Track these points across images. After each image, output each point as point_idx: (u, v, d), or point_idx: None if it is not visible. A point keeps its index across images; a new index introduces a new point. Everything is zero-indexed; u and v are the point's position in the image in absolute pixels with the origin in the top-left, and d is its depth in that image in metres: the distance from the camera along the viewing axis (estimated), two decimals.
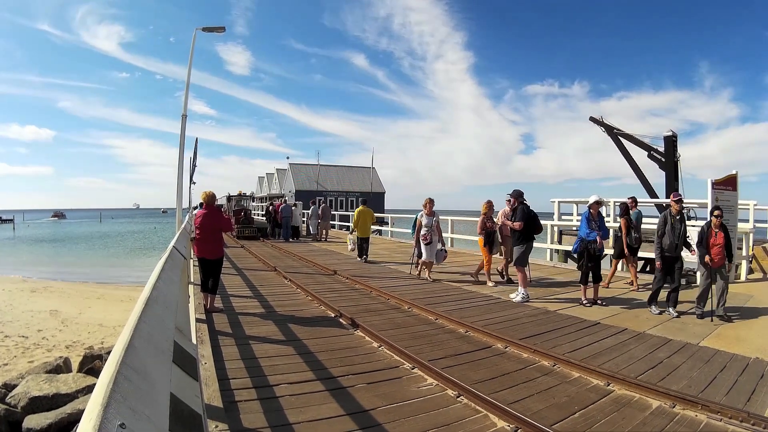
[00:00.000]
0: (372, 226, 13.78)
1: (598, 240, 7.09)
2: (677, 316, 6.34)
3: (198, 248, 6.53)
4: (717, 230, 6.37)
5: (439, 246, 9.47)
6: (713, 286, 6.30)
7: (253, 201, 35.18)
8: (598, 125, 18.40)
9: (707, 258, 6.31)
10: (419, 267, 9.69)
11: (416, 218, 9.79)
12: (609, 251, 8.95)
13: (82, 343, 10.32)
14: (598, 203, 7.33)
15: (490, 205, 9.16)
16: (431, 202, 9.46)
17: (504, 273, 9.43)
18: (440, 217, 10.64)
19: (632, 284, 8.60)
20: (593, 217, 7.22)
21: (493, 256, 9.23)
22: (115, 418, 1.05)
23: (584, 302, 7.07)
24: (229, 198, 23.68)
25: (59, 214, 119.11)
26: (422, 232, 9.30)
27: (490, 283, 8.80)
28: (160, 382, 1.65)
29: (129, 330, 1.67)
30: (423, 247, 9.31)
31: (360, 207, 12.97)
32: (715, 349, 4.95)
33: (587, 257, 7.13)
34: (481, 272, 9.20)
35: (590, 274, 7.13)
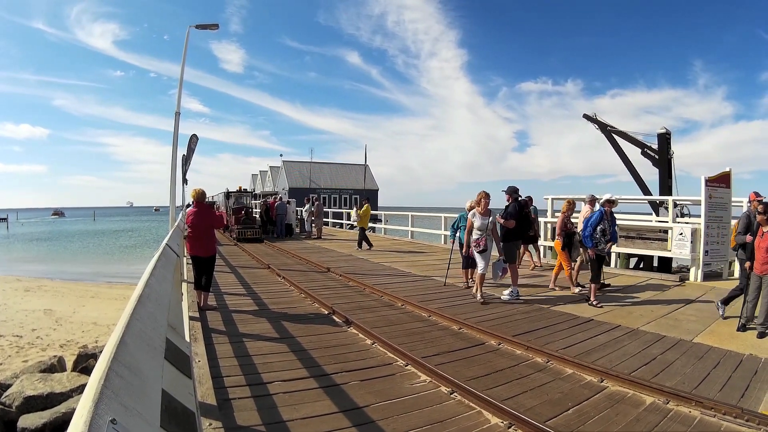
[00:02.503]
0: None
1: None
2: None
3: (191, 246, 6.51)
4: (765, 230, 5.32)
5: (496, 256, 7.49)
6: (761, 297, 5.37)
7: (256, 198, 29.91)
8: (591, 122, 18.49)
9: (747, 264, 5.63)
10: (476, 283, 7.37)
11: (457, 219, 8.37)
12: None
13: (76, 342, 10.26)
14: (610, 202, 7.11)
15: (570, 204, 8.17)
16: (487, 196, 7.14)
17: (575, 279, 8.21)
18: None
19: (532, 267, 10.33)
20: (606, 216, 7.01)
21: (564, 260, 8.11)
22: (106, 413, 1.04)
23: (592, 301, 6.94)
24: (228, 195, 20.48)
25: (59, 213, 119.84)
26: (474, 236, 7.09)
27: (575, 289, 7.82)
28: (151, 379, 1.64)
29: (121, 327, 1.66)
30: (477, 256, 7.11)
31: (366, 205, 15.50)
32: (709, 345, 4.99)
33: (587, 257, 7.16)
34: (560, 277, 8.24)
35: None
